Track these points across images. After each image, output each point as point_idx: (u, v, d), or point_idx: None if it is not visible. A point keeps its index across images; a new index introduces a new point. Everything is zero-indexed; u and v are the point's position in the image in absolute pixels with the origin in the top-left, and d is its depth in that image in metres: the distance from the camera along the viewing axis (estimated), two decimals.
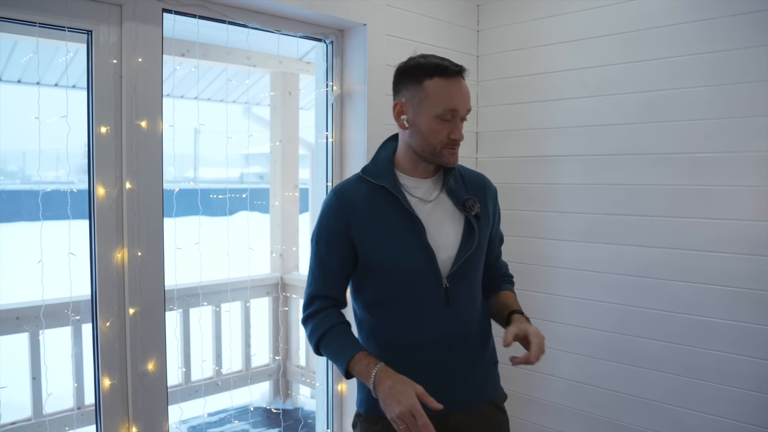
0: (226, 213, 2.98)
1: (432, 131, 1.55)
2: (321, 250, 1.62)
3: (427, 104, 1.54)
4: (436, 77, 1.53)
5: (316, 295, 1.63)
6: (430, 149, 1.57)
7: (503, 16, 2.91)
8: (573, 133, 2.69)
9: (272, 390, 4.32)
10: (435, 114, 1.53)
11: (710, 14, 2.30)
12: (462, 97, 1.55)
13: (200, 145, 2.91)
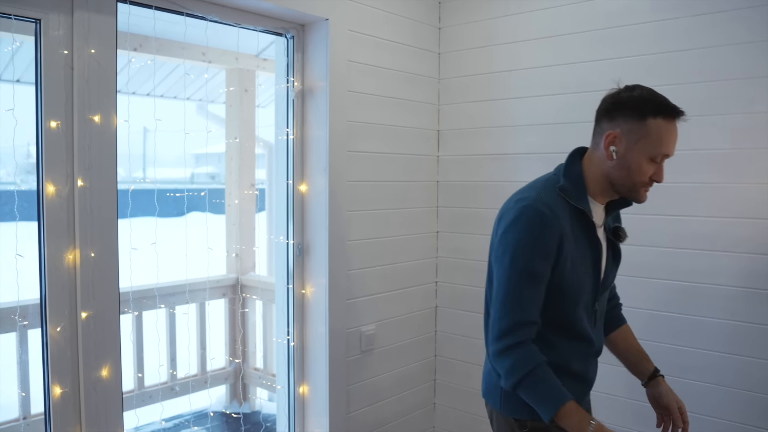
0: (180, 213, 2.90)
1: (639, 170, 1.53)
2: (533, 268, 1.49)
3: (644, 144, 1.51)
4: (661, 117, 1.50)
5: (522, 322, 1.49)
6: (630, 185, 1.55)
7: (465, 14, 2.90)
8: (535, 131, 2.69)
9: (229, 394, 4.22)
10: (649, 155, 1.51)
11: (669, 15, 2.33)
12: (674, 143, 1.54)
13: (152, 144, 2.81)
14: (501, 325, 1.50)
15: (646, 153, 1.50)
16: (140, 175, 3.91)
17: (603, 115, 1.58)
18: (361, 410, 2.71)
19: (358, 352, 2.67)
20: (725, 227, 2.24)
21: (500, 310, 1.51)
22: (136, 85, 4.16)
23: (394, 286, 2.83)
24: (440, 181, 3.02)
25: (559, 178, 1.60)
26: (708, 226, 2.27)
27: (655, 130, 1.49)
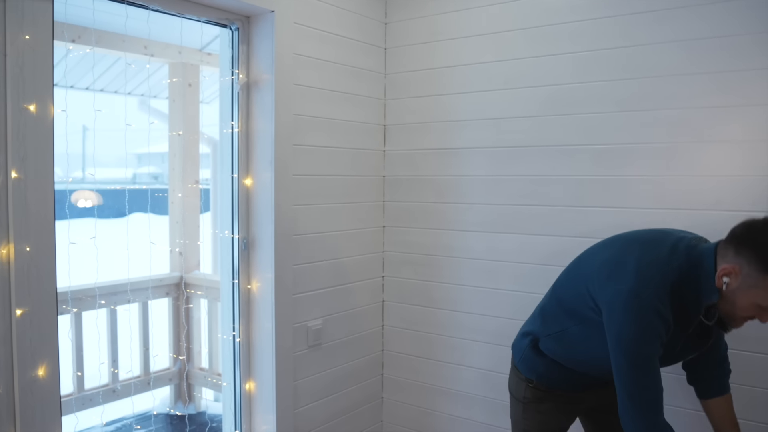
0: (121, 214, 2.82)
1: (744, 311, 1.55)
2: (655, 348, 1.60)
3: (757, 293, 1.50)
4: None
5: (660, 396, 1.63)
6: (729, 316, 1.59)
7: (411, 10, 2.92)
8: (480, 125, 2.73)
9: (174, 394, 4.13)
10: (759, 304, 1.52)
11: (610, 12, 2.39)
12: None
13: (91, 143, 2.72)
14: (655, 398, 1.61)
15: (757, 301, 1.51)
16: (79, 176, 3.79)
17: (734, 241, 1.55)
18: (308, 406, 2.70)
19: (305, 347, 2.66)
20: (665, 218, 2.31)
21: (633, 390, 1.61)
22: (75, 78, 4.03)
23: (341, 281, 2.83)
24: (386, 175, 3.03)
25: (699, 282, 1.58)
26: (648, 217, 2.34)
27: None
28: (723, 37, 2.17)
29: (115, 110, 2.88)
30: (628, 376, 1.60)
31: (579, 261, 1.91)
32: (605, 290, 1.65)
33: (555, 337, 1.87)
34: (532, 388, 1.95)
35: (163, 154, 4.09)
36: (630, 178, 2.37)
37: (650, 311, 1.55)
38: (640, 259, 1.61)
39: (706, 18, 2.20)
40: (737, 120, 2.16)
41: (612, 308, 1.62)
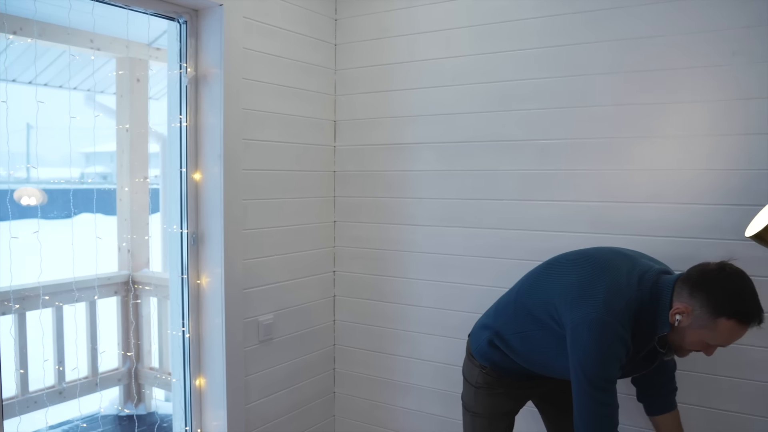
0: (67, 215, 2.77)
1: (692, 345, 1.68)
2: (616, 371, 1.71)
3: (706, 334, 1.63)
4: (735, 320, 1.58)
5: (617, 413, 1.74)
6: (677, 347, 1.73)
7: (360, 6, 2.94)
8: (429, 121, 2.77)
9: (123, 395, 4.06)
10: (706, 342, 1.64)
11: (553, 11, 2.46)
12: (739, 338, 1.62)
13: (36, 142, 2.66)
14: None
15: (704, 339, 1.64)
16: (23, 176, 3.69)
17: (689, 282, 1.66)
18: (260, 401, 2.69)
19: (256, 342, 2.66)
20: (606, 211, 2.39)
21: (593, 408, 1.72)
22: (17, 71, 3.92)
23: (292, 276, 2.83)
24: (337, 170, 3.05)
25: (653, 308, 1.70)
26: (591, 210, 2.42)
27: (724, 330, 1.60)
28: (658, 36, 2.26)
29: (60, 105, 2.82)
30: (588, 395, 1.71)
31: (547, 272, 1.98)
32: (573, 312, 1.75)
33: (519, 337, 1.94)
34: (485, 374, 2.05)
35: (112, 153, 4.01)
36: (573, 172, 2.44)
37: (614, 338, 1.67)
38: (609, 288, 1.72)
39: (641, 18, 2.28)
40: (674, 116, 2.25)
41: (577, 331, 1.72)
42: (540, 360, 1.91)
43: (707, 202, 2.21)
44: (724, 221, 2.17)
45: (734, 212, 2.14)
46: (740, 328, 1.60)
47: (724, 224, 2.17)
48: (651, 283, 1.72)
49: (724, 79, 2.16)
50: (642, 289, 1.71)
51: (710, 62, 2.18)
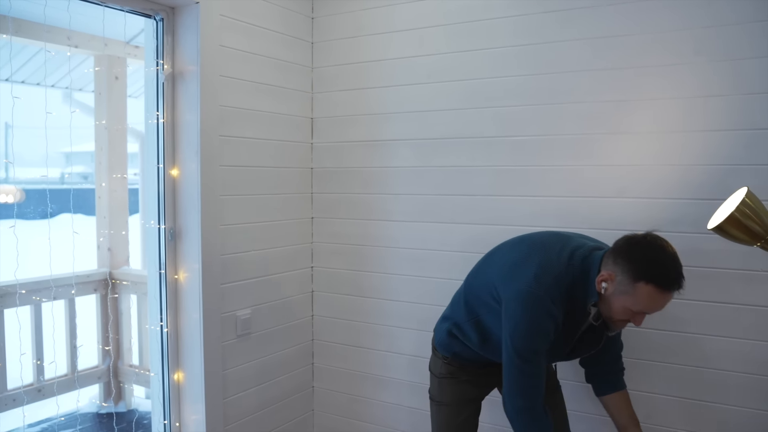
0: (45, 216, 2.77)
1: (619, 313, 1.70)
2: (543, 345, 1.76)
3: (627, 299, 1.66)
4: (653, 285, 1.62)
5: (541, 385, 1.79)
6: (607, 317, 1.75)
7: (337, 5, 2.97)
8: (405, 118, 2.82)
9: (103, 393, 4.06)
10: (630, 308, 1.67)
11: (525, 10, 2.51)
12: (663, 306, 1.66)
13: (13, 140, 2.65)
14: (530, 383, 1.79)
15: (628, 306, 1.67)
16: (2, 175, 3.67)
17: (614, 251, 1.73)
18: (238, 395, 2.72)
19: (234, 337, 2.68)
20: (576, 206, 2.45)
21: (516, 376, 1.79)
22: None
23: (270, 271, 2.86)
24: (314, 167, 3.08)
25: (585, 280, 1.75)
26: (561, 205, 2.47)
27: (643, 294, 1.64)
28: (627, 35, 2.32)
29: (37, 103, 2.82)
30: (515, 365, 1.78)
31: (491, 255, 2.07)
32: (506, 288, 1.83)
33: (471, 323, 2.00)
34: (447, 364, 2.11)
35: (92, 153, 4.01)
36: (544, 168, 2.50)
37: (543, 312, 1.73)
38: (540, 264, 1.78)
39: (611, 18, 2.34)
40: (642, 113, 2.31)
41: (510, 304, 1.79)
42: (493, 344, 1.94)
43: (672, 197, 2.27)
44: (689, 215, 2.23)
45: (698, 206, 2.21)
46: (659, 293, 1.63)
47: (688, 218, 2.23)
48: (582, 258, 1.78)
49: (687, 77, 2.23)
50: (573, 264, 1.77)
51: (675, 60, 2.24)
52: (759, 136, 2.13)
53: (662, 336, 2.32)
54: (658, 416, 2.34)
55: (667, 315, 2.29)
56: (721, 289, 2.22)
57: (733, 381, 2.21)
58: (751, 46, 2.12)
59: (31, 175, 11.22)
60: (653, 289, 1.63)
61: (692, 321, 2.27)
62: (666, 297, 1.65)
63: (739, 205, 1.73)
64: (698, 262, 2.23)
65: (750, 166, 2.14)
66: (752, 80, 2.13)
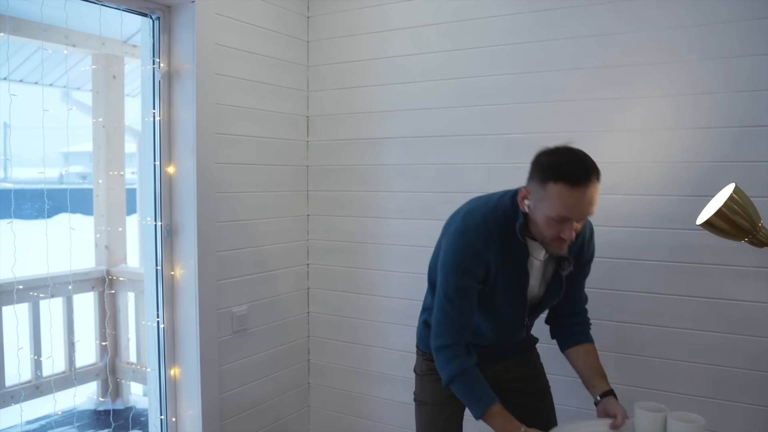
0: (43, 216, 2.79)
1: (545, 227, 1.64)
2: (463, 292, 1.75)
3: (544, 206, 1.61)
4: (561, 183, 1.57)
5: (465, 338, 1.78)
6: (541, 238, 1.69)
7: (332, 4, 3.00)
8: (399, 116, 2.84)
9: (101, 390, 4.09)
10: (550, 216, 1.61)
11: (517, 9, 2.54)
12: (579, 207, 1.58)
13: (11, 140, 2.68)
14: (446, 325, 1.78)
15: (546, 213, 1.61)
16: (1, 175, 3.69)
17: (528, 171, 1.71)
18: (234, 390, 2.74)
19: (230, 333, 2.71)
20: None
21: (440, 316, 1.79)
22: None
23: (266, 268, 2.88)
24: (310, 165, 3.11)
25: (517, 213, 1.73)
26: None
27: (554, 194, 1.58)
28: (618, 34, 2.34)
29: (35, 102, 2.84)
30: (440, 305, 1.78)
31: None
32: (443, 238, 1.85)
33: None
34: (426, 360, 2.03)
35: (90, 153, 4.03)
36: None
37: (468, 249, 1.72)
38: (469, 209, 1.81)
39: (602, 16, 2.37)
40: (633, 111, 2.34)
41: (442, 246, 1.82)
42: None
43: (663, 193, 2.30)
44: (679, 211, 2.26)
45: (688, 202, 2.23)
46: (568, 189, 1.57)
47: (678, 214, 2.26)
48: (511, 196, 1.78)
49: (679, 75, 2.25)
50: (502, 203, 1.77)
51: (668, 59, 2.27)
52: (748, 133, 2.16)
53: (654, 331, 2.34)
54: None
55: (658, 310, 2.32)
56: (710, 285, 2.24)
57: (723, 375, 2.24)
58: (742, 44, 2.15)
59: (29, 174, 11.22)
60: (562, 187, 1.57)
61: (682, 316, 2.29)
62: (577, 193, 1.57)
63: (727, 201, 1.76)
64: (689, 258, 2.26)
65: (739, 163, 2.17)
66: (742, 78, 2.15)
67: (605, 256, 2.41)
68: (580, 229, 1.73)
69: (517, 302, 1.83)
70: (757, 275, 2.16)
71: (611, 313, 2.41)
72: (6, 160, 2.64)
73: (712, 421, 2.25)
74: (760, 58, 2.12)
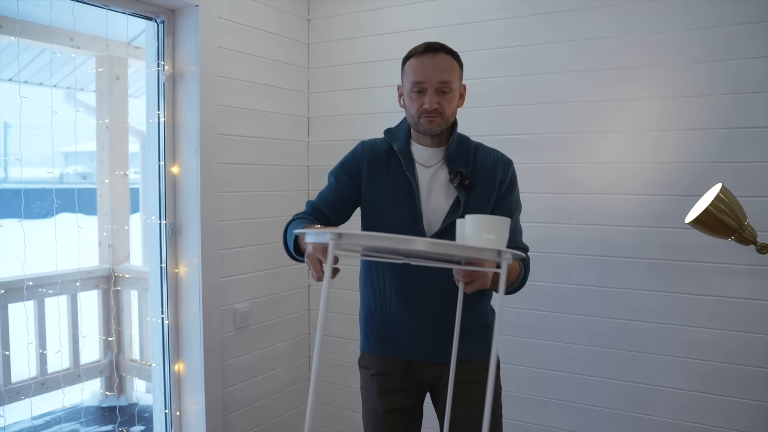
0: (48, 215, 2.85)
1: (409, 104, 1.73)
2: (331, 179, 1.86)
3: (405, 82, 1.73)
4: (412, 58, 1.70)
5: (312, 205, 1.83)
6: (412, 120, 1.75)
7: (332, 7, 3.06)
8: (396, 117, 2.88)
9: (105, 386, 4.15)
10: (409, 89, 1.71)
11: (514, 13, 2.60)
12: (426, 71, 1.66)
13: (14, 140, 2.73)
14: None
15: (407, 89, 1.72)
16: (1, 175, 3.74)
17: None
18: (236, 386, 2.81)
19: (233, 329, 2.77)
20: (563, 202, 2.53)
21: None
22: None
23: (268, 265, 2.94)
24: (311, 165, 3.17)
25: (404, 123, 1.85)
26: (549, 201, 2.56)
27: (408, 69, 1.71)
28: (610, 38, 2.41)
29: (40, 102, 2.89)
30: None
31: None
32: None
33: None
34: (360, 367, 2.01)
35: (92, 153, 4.09)
36: (532, 166, 2.58)
37: (351, 153, 1.88)
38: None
39: (595, 21, 2.43)
40: (624, 112, 2.40)
41: None
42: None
43: (655, 193, 2.36)
44: (670, 210, 2.32)
45: (678, 202, 2.29)
46: (417, 59, 1.68)
47: (669, 213, 2.32)
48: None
49: (668, 77, 2.31)
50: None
51: (658, 61, 2.33)
52: (735, 134, 2.22)
53: (646, 327, 2.40)
54: (642, 406, 2.42)
55: (651, 307, 2.38)
56: (700, 282, 2.30)
57: (713, 371, 2.30)
58: (728, 48, 2.21)
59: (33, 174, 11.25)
60: (413, 60, 1.70)
61: (673, 313, 2.35)
62: (425, 59, 1.68)
63: (714, 200, 1.82)
64: (679, 256, 2.32)
65: (727, 164, 2.23)
66: (729, 81, 2.22)
67: (598, 254, 2.48)
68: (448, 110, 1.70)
69: (411, 216, 1.72)
70: (746, 272, 2.22)
71: (605, 310, 2.47)
72: (6, 160, 2.70)
73: (703, 415, 2.32)
74: (747, 61, 2.18)
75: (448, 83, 1.68)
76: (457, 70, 1.72)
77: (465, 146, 1.81)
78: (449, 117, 1.73)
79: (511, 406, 2.24)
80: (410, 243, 1.15)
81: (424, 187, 1.76)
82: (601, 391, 2.49)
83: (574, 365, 2.54)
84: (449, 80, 1.68)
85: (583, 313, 2.52)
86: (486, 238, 1.34)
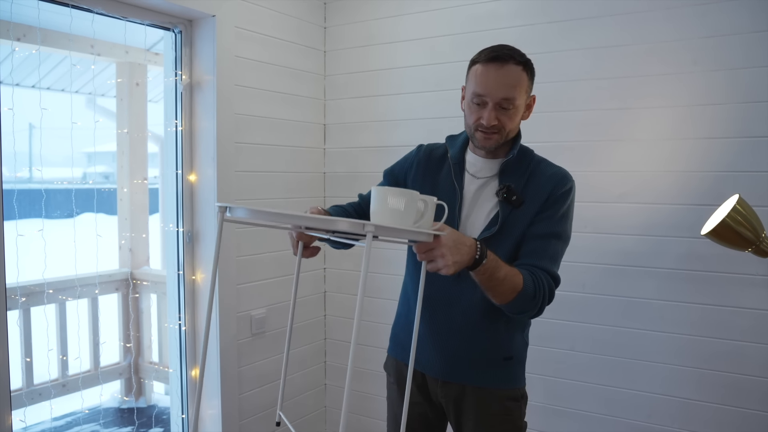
0: (69, 215, 2.89)
1: (468, 115, 1.64)
2: (382, 177, 1.88)
3: (467, 87, 1.64)
4: (477, 64, 1.60)
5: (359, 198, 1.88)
6: (468, 130, 1.66)
7: (349, 15, 3.07)
8: (413, 125, 2.91)
9: (124, 388, 4.20)
10: (469, 98, 1.61)
11: (528, 21, 2.60)
12: (489, 84, 1.55)
13: (38, 141, 2.79)
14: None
15: (469, 95, 1.62)
16: (26, 175, 3.80)
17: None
18: (253, 391, 2.83)
19: (249, 335, 2.79)
20: (577, 211, 2.51)
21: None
22: (21, 76, 4.06)
23: (284, 272, 2.96)
24: (327, 172, 3.19)
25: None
26: None
27: (472, 75, 1.60)
28: (627, 45, 2.39)
29: (62, 108, 2.94)
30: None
31: None
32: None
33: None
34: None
35: (113, 153, 4.15)
36: None
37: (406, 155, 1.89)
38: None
39: (612, 29, 2.42)
40: (642, 121, 2.39)
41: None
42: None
43: (670, 202, 2.34)
44: (686, 220, 2.30)
45: (694, 211, 2.28)
46: (483, 66, 1.58)
47: (685, 223, 2.30)
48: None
49: (685, 86, 2.30)
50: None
51: (674, 70, 2.31)
52: (752, 143, 2.20)
53: (662, 338, 2.39)
54: (658, 416, 2.41)
55: (666, 317, 2.37)
56: (717, 293, 2.28)
57: (731, 382, 2.28)
58: (746, 56, 2.19)
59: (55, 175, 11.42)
60: (478, 66, 1.59)
61: (689, 323, 2.34)
62: (491, 69, 1.56)
63: (731, 211, 1.80)
64: (695, 266, 2.30)
65: (743, 173, 2.21)
66: (746, 89, 2.20)
67: (613, 263, 2.47)
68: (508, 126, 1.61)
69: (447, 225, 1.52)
70: (764, 283, 2.20)
71: (620, 319, 2.46)
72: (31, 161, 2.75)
73: (720, 428, 2.30)
74: (764, 69, 2.16)
75: (511, 100, 1.56)
76: (524, 84, 1.60)
77: (525, 161, 1.69)
78: (509, 133, 1.62)
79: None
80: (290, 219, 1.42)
81: (468, 197, 1.68)
82: (616, 401, 2.47)
83: (589, 374, 2.53)
84: (513, 97, 1.56)
85: (598, 322, 2.51)
86: (393, 208, 1.27)
